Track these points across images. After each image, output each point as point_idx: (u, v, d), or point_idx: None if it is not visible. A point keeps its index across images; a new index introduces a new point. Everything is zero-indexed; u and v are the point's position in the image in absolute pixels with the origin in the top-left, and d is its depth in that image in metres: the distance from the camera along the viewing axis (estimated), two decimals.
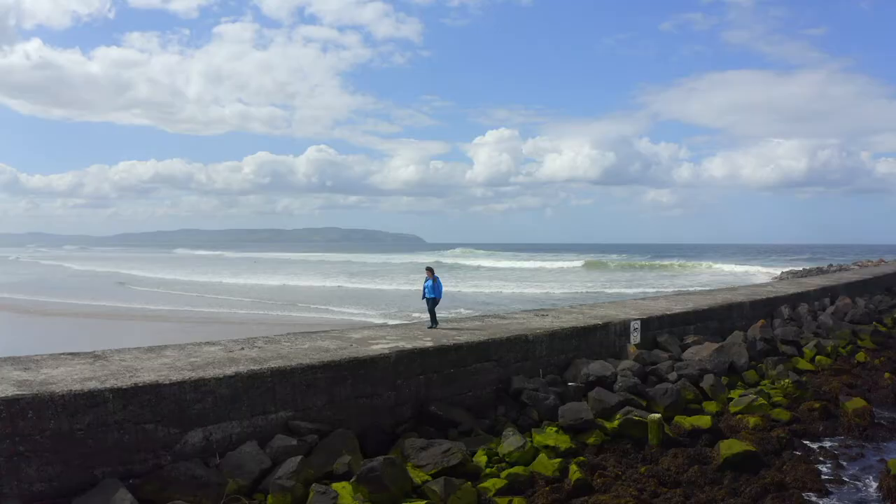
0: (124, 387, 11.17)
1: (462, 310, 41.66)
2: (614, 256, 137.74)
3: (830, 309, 32.61)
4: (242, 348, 14.97)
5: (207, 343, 15.84)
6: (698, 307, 25.42)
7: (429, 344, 15.46)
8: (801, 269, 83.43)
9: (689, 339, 22.44)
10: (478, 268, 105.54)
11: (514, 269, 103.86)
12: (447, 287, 61.14)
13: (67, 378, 11.59)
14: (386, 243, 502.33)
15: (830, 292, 36.85)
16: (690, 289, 55.13)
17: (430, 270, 19.07)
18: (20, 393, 10.42)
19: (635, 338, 20.70)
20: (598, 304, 28.41)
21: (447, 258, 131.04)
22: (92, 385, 11.11)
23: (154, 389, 11.41)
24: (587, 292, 59.43)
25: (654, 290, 59.08)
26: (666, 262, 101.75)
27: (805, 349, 23.90)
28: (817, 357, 23.36)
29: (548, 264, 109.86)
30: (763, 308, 28.66)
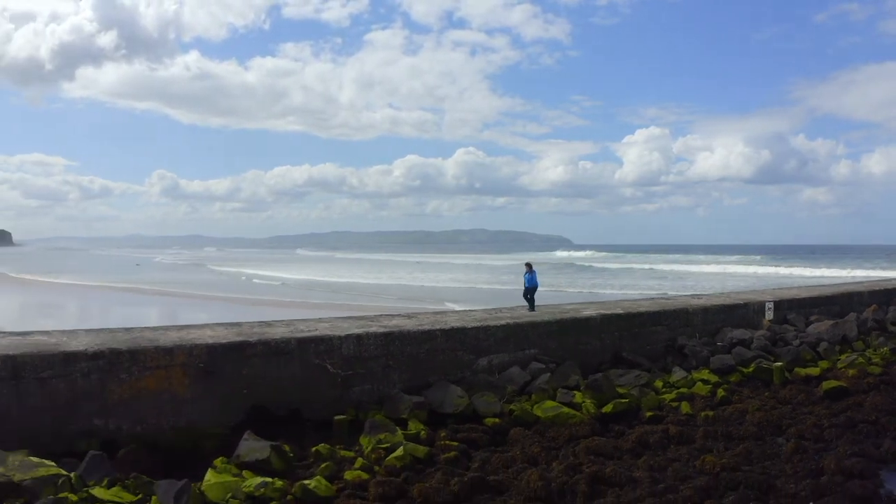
0: (446, 328, 18.08)
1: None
2: (768, 258, 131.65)
3: None
4: (495, 313, 21.90)
5: (472, 310, 22.97)
6: (822, 294, 29.81)
7: (621, 311, 21.79)
8: None
9: (813, 318, 27.29)
10: (629, 269, 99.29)
11: (669, 270, 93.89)
12: (607, 291, 65.69)
13: (406, 324, 18.60)
14: (534, 244, 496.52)
15: None
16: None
17: (528, 266, 22.36)
18: (389, 330, 17.54)
19: (769, 314, 25.76)
20: (742, 291, 33.70)
21: (597, 263, 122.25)
22: (426, 327, 18.14)
23: (462, 330, 18.23)
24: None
25: None
26: (818, 272, 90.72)
27: None
28: None
29: (699, 268, 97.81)
30: (880, 297, 32.01)
